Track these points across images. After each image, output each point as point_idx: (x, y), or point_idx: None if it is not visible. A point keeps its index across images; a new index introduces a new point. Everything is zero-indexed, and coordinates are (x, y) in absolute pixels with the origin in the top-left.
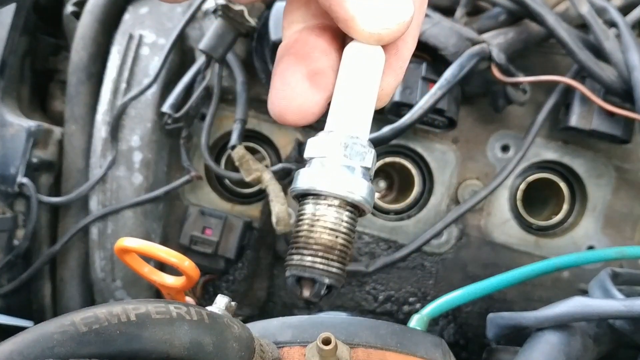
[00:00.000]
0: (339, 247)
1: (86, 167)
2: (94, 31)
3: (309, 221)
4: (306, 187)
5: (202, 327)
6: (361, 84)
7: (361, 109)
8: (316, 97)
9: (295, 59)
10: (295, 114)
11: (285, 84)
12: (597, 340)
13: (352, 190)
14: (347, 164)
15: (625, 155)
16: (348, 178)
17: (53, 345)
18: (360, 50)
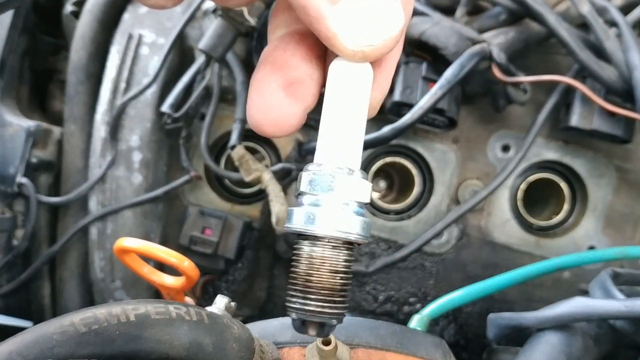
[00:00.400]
0: (340, 286)
1: (85, 167)
2: (94, 31)
3: (308, 262)
4: (301, 229)
5: (201, 327)
6: (349, 106)
7: (352, 136)
8: (293, 109)
9: (271, 68)
10: (272, 126)
11: (260, 95)
12: (597, 340)
13: (348, 230)
14: (341, 202)
15: (626, 155)
16: (342, 217)
17: (52, 346)
18: (346, 68)
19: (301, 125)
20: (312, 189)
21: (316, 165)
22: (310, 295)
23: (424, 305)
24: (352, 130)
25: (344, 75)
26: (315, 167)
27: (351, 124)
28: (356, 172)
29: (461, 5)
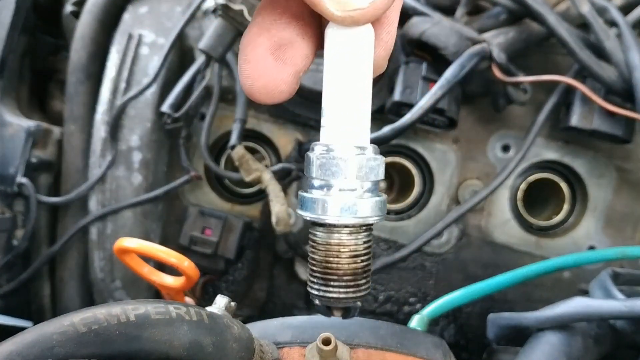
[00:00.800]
0: (362, 269)
1: (85, 167)
2: (94, 31)
3: (326, 250)
4: (315, 217)
5: (201, 327)
6: (351, 77)
7: (357, 110)
8: (282, 74)
9: (257, 30)
10: (262, 93)
11: (246, 61)
12: (597, 340)
13: (364, 214)
14: (354, 184)
15: (626, 155)
16: (357, 201)
17: (52, 346)
18: (341, 33)
19: (294, 91)
20: (322, 174)
21: (323, 147)
22: (332, 282)
23: (424, 305)
24: (357, 104)
25: (341, 42)
26: (323, 149)
27: (355, 97)
28: (367, 149)
29: (461, 5)
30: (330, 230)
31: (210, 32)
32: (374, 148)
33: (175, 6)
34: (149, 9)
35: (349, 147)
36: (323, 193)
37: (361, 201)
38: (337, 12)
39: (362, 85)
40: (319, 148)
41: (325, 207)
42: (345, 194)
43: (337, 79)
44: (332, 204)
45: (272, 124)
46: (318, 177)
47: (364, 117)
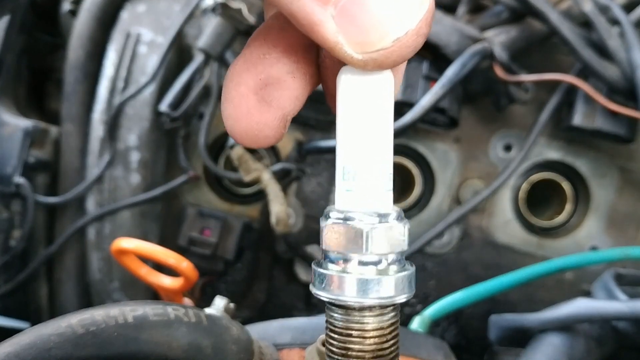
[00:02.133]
0: (389, 353)
1: (83, 167)
2: (91, 29)
3: (345, 334)
4: (331, 297)
5: (200, 329)
6: (370, 131)
7: (377, 169)
8: (266, 118)
9: (243, 64)
10: (244, 137)
11: (227, 99)
12: (600, 342)
13: (388, 292)
14: (375, 258)
15: (629, 155)
16: (380, 278)
17: (50, 347)
18: (357, 80)
19: (282, 136)
20: (337, 246)
21: (338, 214)
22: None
23: (425, 306)
24: (379, 164)
25: (358, 91)
26: (338, 216)
27: (376, 156)
28: (390, 215)
29: (462, 4)
30: (349, 313)
31: (209, 30)
32: (398, 213)
33: (173, 4)
34: (147, 7)
35: (369, 214)
36: (340, 268)
37: (386, 278)
38: (356, 54)
39: (384, 142)
40: (333, 215)
41: (344, 285)
42: (366, 269)
43: (355, 135)
44: (352, 282)
45: None
46: (333, 250)
47: (386, 178)
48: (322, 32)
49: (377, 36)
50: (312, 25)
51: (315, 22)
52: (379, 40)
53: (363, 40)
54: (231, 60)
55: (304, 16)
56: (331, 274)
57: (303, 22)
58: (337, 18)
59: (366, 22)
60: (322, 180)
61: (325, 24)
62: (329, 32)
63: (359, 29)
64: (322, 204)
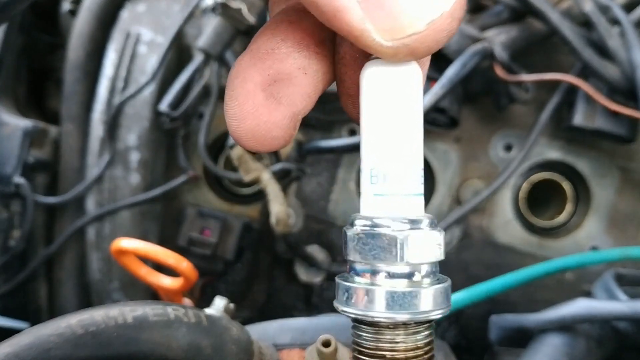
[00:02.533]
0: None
1: (83, 167)
2: (91, 29)
3: (375, 354)
4: (359, 313)
5: (200, 329)
6: (403, 132)
7: (410, 174)
8: (275, 116)
9: (250, 58)
10: (249, 139)
11: (232, 97)
12: (600, 342)
13: (423, 307)
14: (407, 269)
15: (629, 155)
16: (413, 291)
17: (49, 348)
18: (385, 73)
19: (291, 138)
20: (364, 257)
21: (365, 221)
22: None
23: None
24: (409, 165)
25: (386, 85)
26: (365, 224)
27: (406, 157)
28: (423, 222)
29: None
30: (380, 331)
31: (208, 30)
32: (430, 219)
33: (173, 4)
34: (147, 7)
35: (399, 220)
36: (367, 281)
37: (420, 291)
38: (386, 42)
39: (416, 141)
40: (360, 222)
41: (372, 300)
42: (397, 282)
43: (384, 134)
44: (381, 296)
45: None
46: (360, 261)
47: (418, 181)
48: (347, 19)
49: (408, 20)
50: (335, 12)
51: (339, 9)
52: (410, 25)
53: (393, 26)
54: (231, 60)
55: (326, 2)
56: (358, 287)
57: (325, 9)
58: (363, 3)
59: (396, 5)
60: (322, 180)
61: (350, 10)
62: (354, 19)
63: (388, 13)
64: (322, 204)
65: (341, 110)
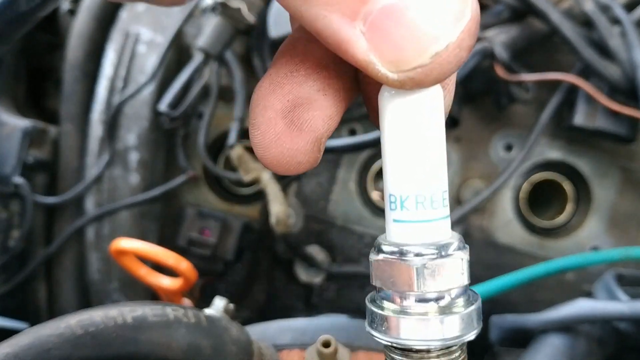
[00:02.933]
0: None
1: (82, 167)
2: (91, 29)
3: None
4: (390, 340)
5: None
6: (425, 155)
7: (435, 197)
8: (296, 143)
9: (269, 85)
10: (275, 165)
11: (255, 125)
12: (601, 343)
13: (453, 332)
14: (436, 295)
15: (630, 155)
16: (443, 317)
17: (49, 348)
18: (402, 98)
19: (317, 160)
20: (392, 285)
21: (391, 247)
22: None
23: None
24: (433, 188)
25: (403, 111)
26: (392, 250)
27: (430, 180)
28: (451, 246)
29: None
30: (411, 356)
31: (208, 30)
32: (459, 241)
33: None
34: (146, 6)
35: (426, 246)
36: (397, 308)
37: (449, 316)
38: (392, 74)
39: (438, 165)
40: (387, 249)
41: (403, 326)
42: (427, 307)
43: (404, 159)
44: (411, 323)
45: None
46: (389, 287)
47: (443, 204)
48: (352, 51)
49: (413, 52)
50: (339, 44)
51: (344, 40)
52: (415, 57)
53: (398, 58)
54: (231, 60)
55: (331, 34)
56: (388, 315)
57: (329, 41)
58: (368, 34)
59: (400, 37)
60: (322, 180)
61: (354, 42)
62: (359, 51)
63: (392, 46)
64: (322, 204)
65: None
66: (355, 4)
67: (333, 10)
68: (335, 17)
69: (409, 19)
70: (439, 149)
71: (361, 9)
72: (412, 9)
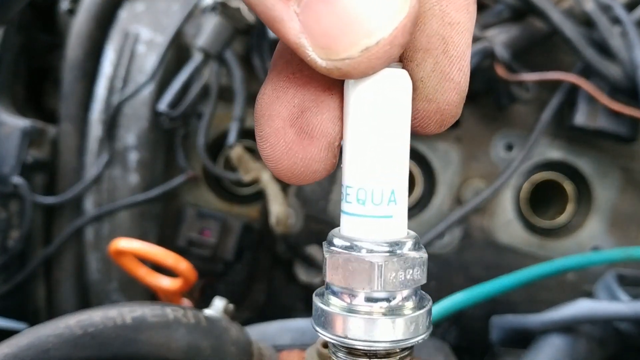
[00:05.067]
0: None
1: (81, 167)
2: (90, 28)
3: None
4: (334, 338)
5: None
6: (382, 145)
7: (391, 191)
8: (309, 152)
9: (272, 91)
10: (289, 177)
11: (262, 138)
12: (602, 343)
13: (400, 334)
14: (386, 295)
15: (631, 155)
16: (391, 317)
17: (48, 349)
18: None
19: (334, 166)
20: (342, 279)
21: (343, 242)
22: None
23: None
24: (390, 181)
25: (361, 96)
26: (343, 245)
27: (387, 172)
28: (406, 244)
29: None
30: (355, 356)
31: (208, 29)
32: (414, 240)
33: (172, 3)
34: (146, 6)
35: (380, 242)
36: (345, 305)
37: (398, 317)
38: (320, 60)
39: (398, 158)
40: (338, 242)
41: (348, 325)
42: (375, 307)
43: (352, 149)
44: (358, 322)
45: None
46: (337, 285)
47: (400, 199)
48: (283, 30)
49: (343, 43)
50: (272, 21)
51: (276, 19)
52: (345, 49)
53: (328, 46)
54: (231, 59)
55: (264, 10)
56: (334, 311)
57: (263, 17)
58: (302, 16)
59: (332, 25)
60: (322, 180)
61: (287, 22)
62: (290, 32)
63: (324, 32)
64: (322, 204)
65: None
66: None
67: None
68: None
69: (344, 7)
70: (387, 143)
71: None
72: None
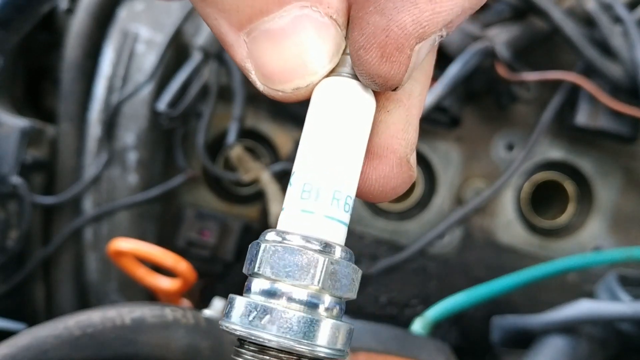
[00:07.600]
0: None
1: (80, 167)
2: (89, 28)
3: None
4: (243, 331)
5: (198, 331)
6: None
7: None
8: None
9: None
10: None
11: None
12: (603, 344)
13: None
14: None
15: (632, 155)
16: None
17: (47, 349)
18: (329, 88)
19: (411, 178)
20: (269, 271)
21: (277, 235)
22: None
23: (426, 307)
24: (333, 184)
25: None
26: (276, 238)
27: (332, 173)
28: (336, 250)
29: None
30: (262, 354)
31: (207, 28)
32: (347, 252)
33: (171, 2)
34: (145, 5)
35: (311, 241)
36: (263, 299)
37: (316, 322)
38: (260, 84)
39: (349, 164)
40: (271, 236)
41: (263, 319)
42: (293, 306)
43: (304, 143)
44: (273, 318)
45: (270, 122)
46: (262, 275)
47: (341, 204)
48: (232, 53)
49: (280, 79)
50: (224, 44)
51: (227, 43)
52: (280, 83)
53: (267, 77)
54: (230, 59)
55: (218, 35)
56: (251, 303)
57: (218, 39)
58: (250, 45)
59: (273, 62)
60: None
61: (236, 47)
62: (238, 56)
63: (265, 64)
64: None
65: None
66: (244, 19)
67: (223, 17)
68: (224, 22)
69: (287, 50)
70: (338, 144)
71: (248, 25)
72: (291, 40)
